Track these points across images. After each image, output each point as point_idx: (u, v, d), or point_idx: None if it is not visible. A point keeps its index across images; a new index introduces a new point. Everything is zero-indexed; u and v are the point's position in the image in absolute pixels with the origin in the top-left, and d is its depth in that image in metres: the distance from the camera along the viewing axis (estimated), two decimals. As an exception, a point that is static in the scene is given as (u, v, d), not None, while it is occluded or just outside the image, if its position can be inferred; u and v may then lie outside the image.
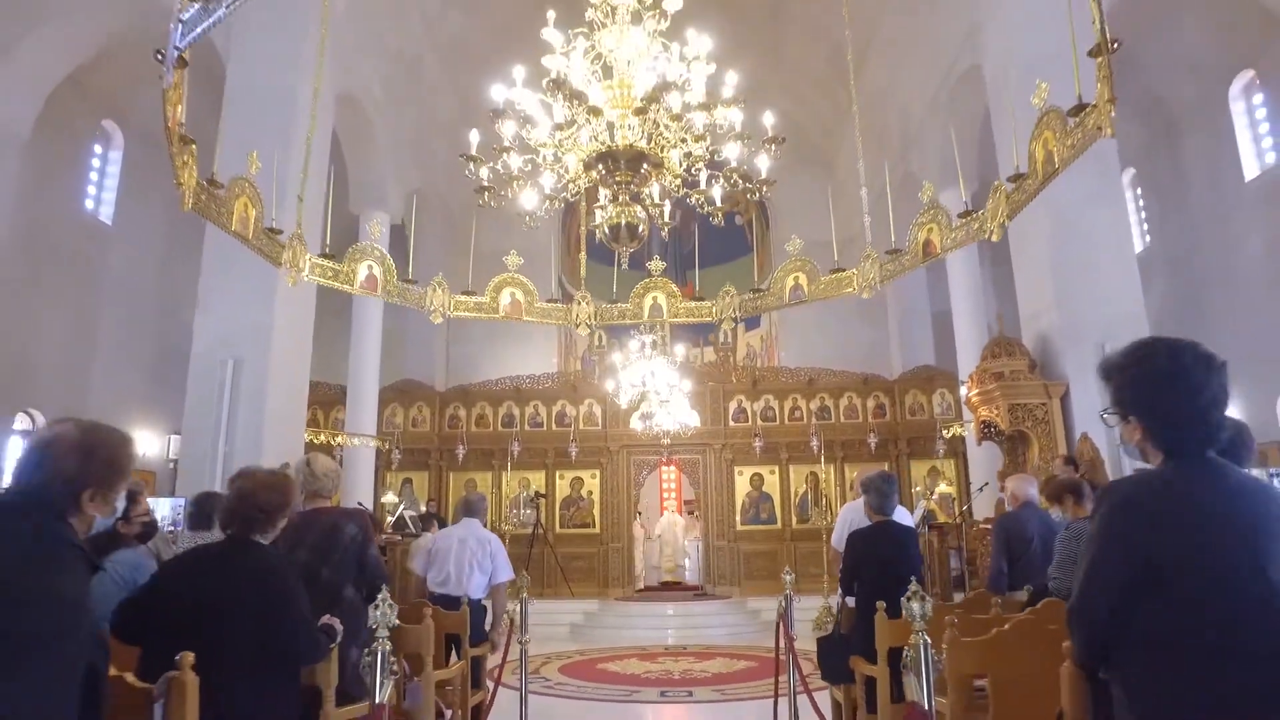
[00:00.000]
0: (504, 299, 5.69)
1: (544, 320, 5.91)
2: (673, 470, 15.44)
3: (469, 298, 5.62)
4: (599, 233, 4.24)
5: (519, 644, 4.34)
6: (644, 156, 3.81)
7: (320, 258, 4.97)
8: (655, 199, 4.38)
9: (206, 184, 3.89)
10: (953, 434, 11.74)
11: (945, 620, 2.50)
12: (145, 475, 12.56)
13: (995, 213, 4.25)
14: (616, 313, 6.04)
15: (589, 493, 13.66)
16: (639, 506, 14.16)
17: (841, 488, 12.86)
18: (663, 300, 5.89)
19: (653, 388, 8.63)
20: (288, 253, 4.72)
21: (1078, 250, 8.20)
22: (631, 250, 3.97)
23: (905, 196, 12.65)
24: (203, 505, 4.05)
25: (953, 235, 4.58)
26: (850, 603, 3.74)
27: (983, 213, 4.37)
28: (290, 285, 4.93)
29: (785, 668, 4.39)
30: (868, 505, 3.88)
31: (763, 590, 11.80)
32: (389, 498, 11.96)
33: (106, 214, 11.94)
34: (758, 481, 13.50)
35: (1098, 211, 8.24)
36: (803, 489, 13.37)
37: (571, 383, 14.23)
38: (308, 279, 4.88)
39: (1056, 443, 7.79)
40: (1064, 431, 7.89)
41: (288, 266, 4.67)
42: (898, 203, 13.18)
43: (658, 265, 5.89)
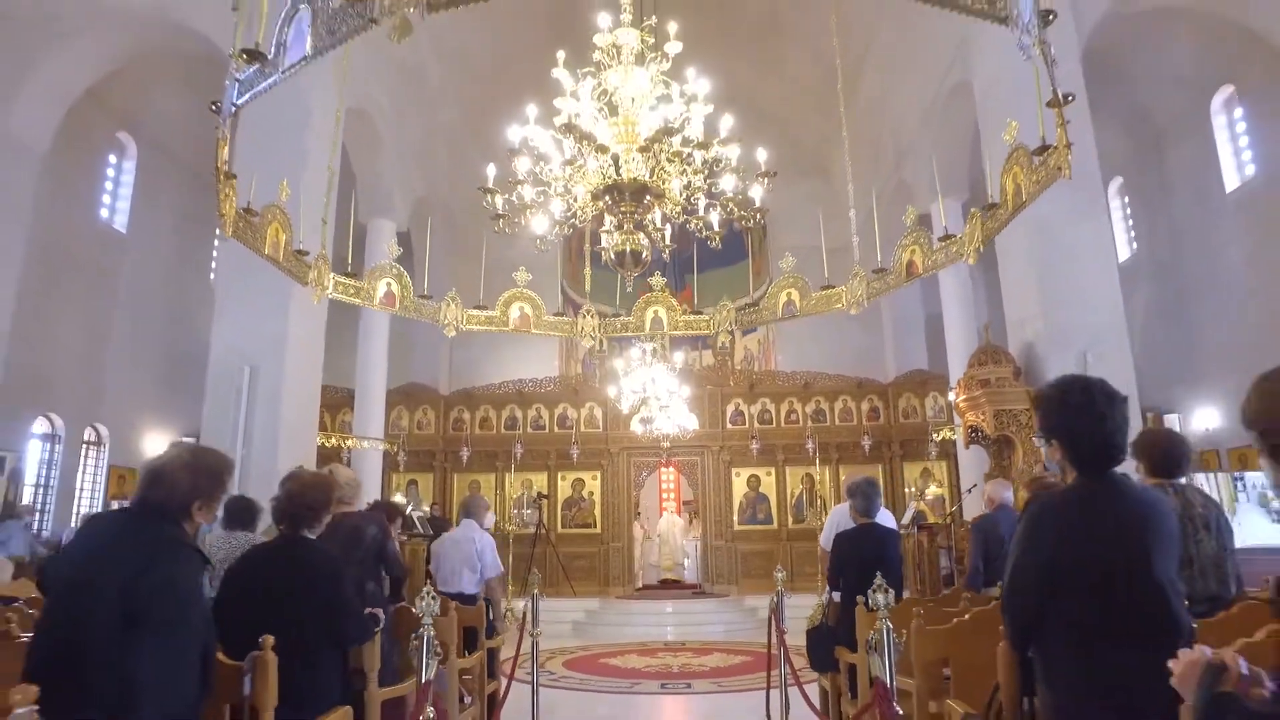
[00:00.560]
0: (513, 313, 6.04)
1: (551, 333, 6.26)
2: (672, 471, 15.77)
3: (480, 312, 5.97)
4: (605, 255, 4.60)
5: (530, 636, 4.67)
6: (647, 189, 4.15)
7: (343, 276, 5.31)
8: (657, 224, 4.73)
9: (243, 212, 4.23)
10: (943, 437, 12.07)
11: (913, 611, 2.85)
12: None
13: (971, 237, 4.59)
14: (619, 325, 6.40)
15: (590, 494, 14.00)
16: (639, 507, 14.48)
17: (836, 489, 13.19)
18: (663, 314, 6.24)
19: (653, 393, 8.97)
20: (313, 272, 5.06)
21: (1061, 262, 8.54)
22: (636, 275, 4.29)
23: (899, 207, 13.00)
24: (238, 506, 4.37)
25: (933, 257, 4.93)
26: (836, 598, 4.09)
27: (960, 237, 4.72)
28: (315, 302, 5.26)
29: (777, 661, 4.73)
30: (853, 509, 4.23)
31: (759, 588, 12.13)
32: (397, 498, 12.29)
33: (121, 222, 12.26)
34: (755, 483, 13.84)
35: (1081, 225, 8.58)
36: (799, 490, 13.71)
37: (573, 386, 14.56)
38: (332, 296, 5.21)
39: (1039, 447, 8.13)
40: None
41: (314, 285, 5.01)
42: (892, 212, 13.61)
43: (658, 281, 6.24)
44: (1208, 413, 11.75)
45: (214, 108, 3.27)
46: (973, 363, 8.88)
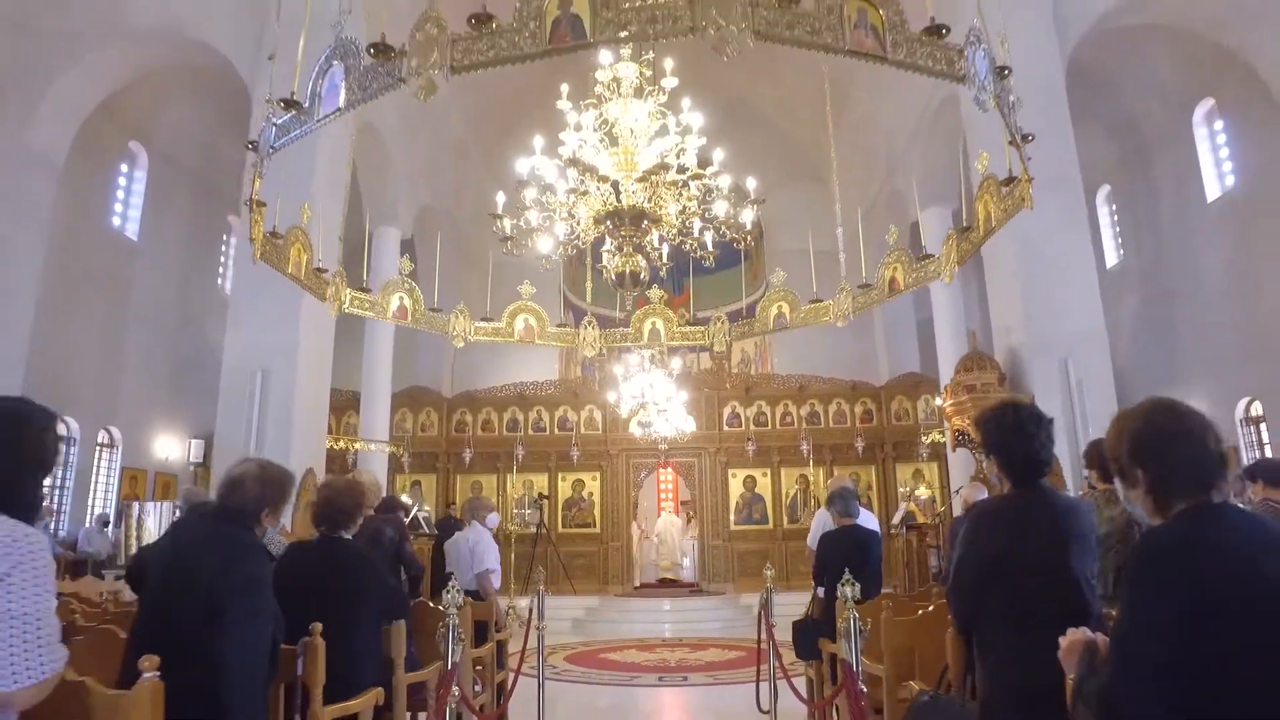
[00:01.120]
0: (519, 324, 6.37)
1: (555, 343, 6.59)
2: (670, 472, 16.09)
3: (487, 324, 6.30)
4: (605, 273, 4.93)
5: (536, 629, 5.00)
6: (645, 214, 4.48)
7: (358, 291, 5.64)
8: (655, 244, 5.05)
9: (270, 235, 4.55)
10: (933, 440, 12.41)
11: (883, 604, 3.18)
12: (168, 478, 13.23)
13: (948, 258, 4.93)
14: (619, 336, 6.74)
15: (590, 494, 14.33)
16: (637, 508, 14.78)
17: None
18: (660, 325, 6.58)
19: (651, 399, 9.30)
20: (331, 289, 5.39)
21: (1044, 272, 8.87)
22: (635, 295, 4.62)
23: (893, 212, 13.35)
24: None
25: (914, 274, 5.27)
26: (821, 593, 4.41)
27: (939, 257, 5.06)
28: (333, 316, 5.59)
29: (767, 654, 5.05)
30: (835, 512, 4.56)
31: (755, 586, 12.39)
32: (404, 499, 12.60)
33: (132, 230, 12.57)
34: (751, 483, 14.18)
35: (1063, 237, 8.91)
36: (794, 491, 14.05)
37: (573, 389, 14.89)
38: (348, 311, 5.54)
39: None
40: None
41: (331, 301, 5.34)
42: (886, 217, 13.89)
43: (656, 293, 6.56)
44: (1190, 415, 12.07)
45: (250, 146, 3.58)
46: (959, 369, 9.22)
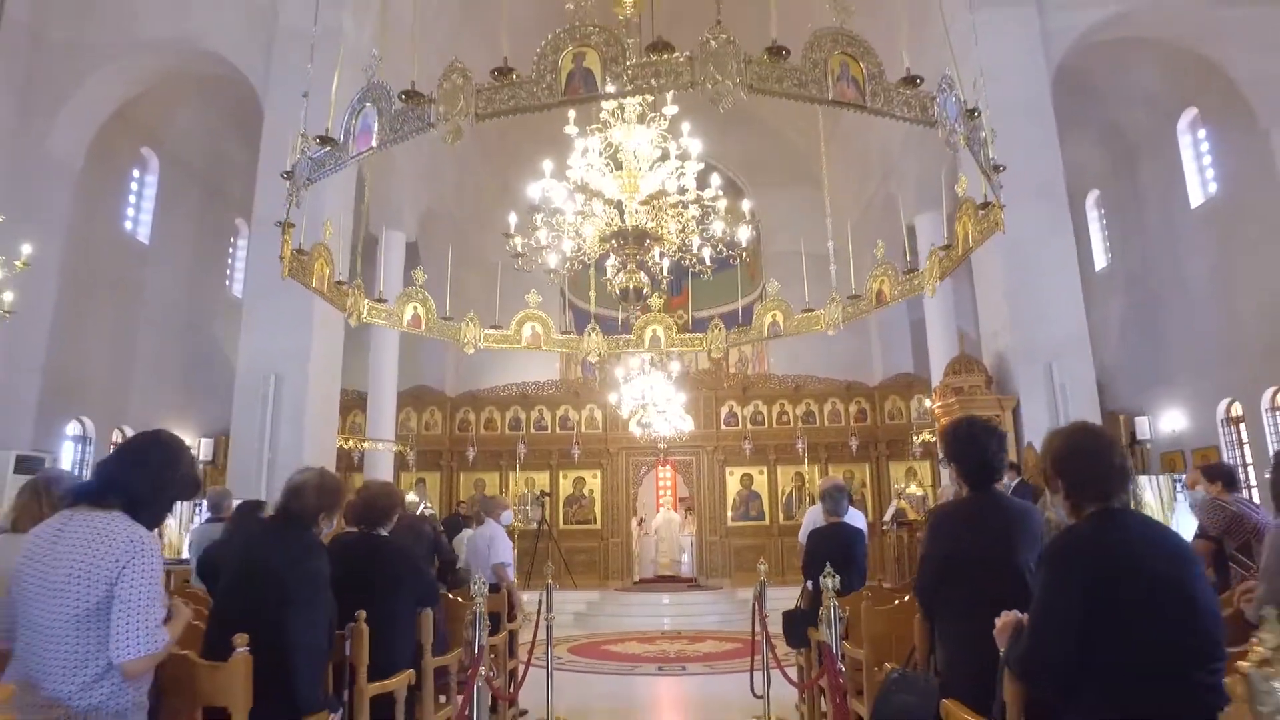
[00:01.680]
0: (526, 332, 6.69)
1: (561, 350, 6.92)
2: (668, 470, 16.43)
3: (496, 331, 6.63)
4: (609, 286, 5.27)
5: (545, 620, 5.34)
6: (647, 234, 4.81)
7: (376, 302, 5.96)
8: (656, 259, 5.39)
9: (297, 253, 4.87)
10: (924, 439, 12.75)
11: (863, 595, 3.52)
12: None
13: (931, 273, 5.25)
14: (622, 343, 7.06)
15: (590, 491, 14.69)
16: (638, 503, 15.12)
17: (825, 487, 13.87)
18: (661, 333, 6.91)
19: (651, 400, 9.63)
20: (350, 300, 5.71)
21: (1030, 279, 9.21)
22: (637, 309, 4.96)
23: (888, 215, 13.69)
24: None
25: (899, 287, 5.60)
26: (810, 586, 4.75)
27: (922, 272, 5.38)
28: (353, 325, 5.92)
29: (760, 644, 5.39)
30: (825, 509, 4.90)
31: (752, 581, 12.62)
32: (410, 497, 12.93)
33: (143, 234, 12.86)
34: (747, 481, 14.53)
35: (1049, 245, 9.25)
36: (789, 488, 14.40)
37: (574, 389, 15.22)
38: (366, 320, 5.86)
39: (1007, 451, 8.82)
40: (1015, 440, 8.91)
41: (351, 312, 5.66)
42: (883, 220, 14.16)
43: (656, 302, 6.89)
44: (1174, 415, 12.44)
45: (285, 175, 3.90)
46: (948, 371, 9.56)
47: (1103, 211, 14.68)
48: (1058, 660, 1.67)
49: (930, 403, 9.90)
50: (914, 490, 11.66)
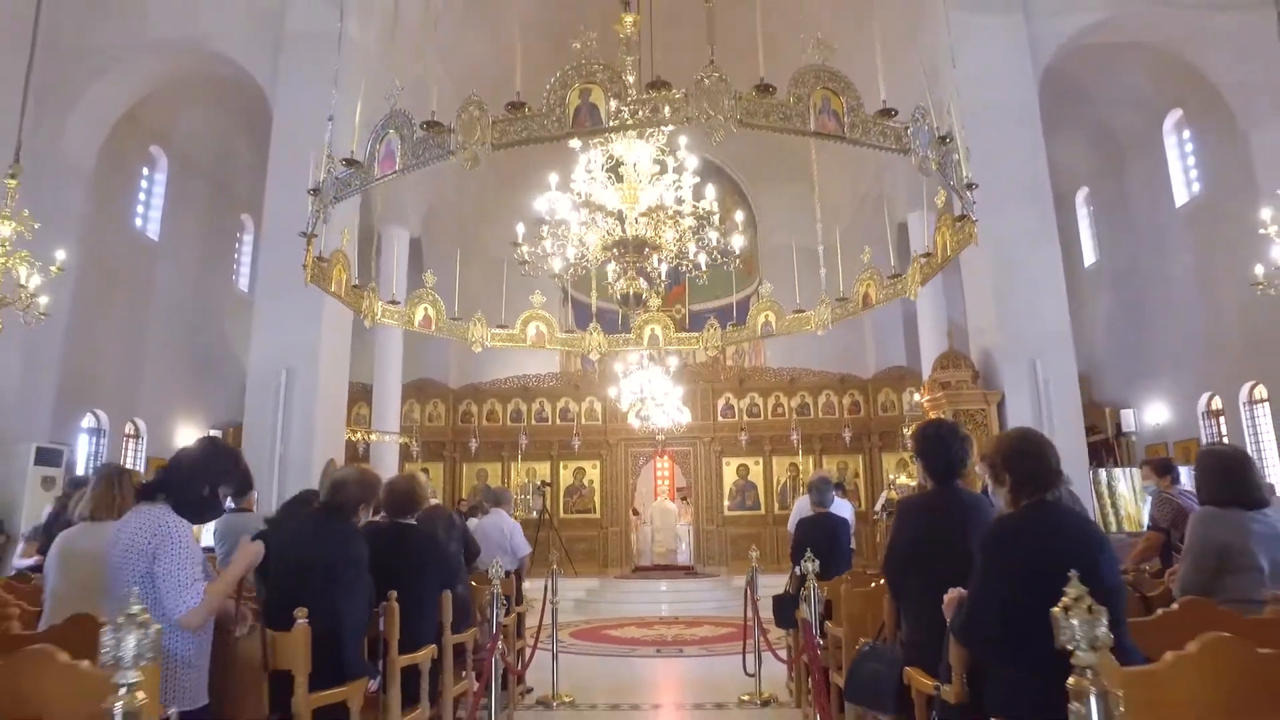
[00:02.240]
0: (530, 331, 7.02)
1: (564, 348, 7.25)
2: (666, 461, 16.80)
3: (503, 330, 6.95)
4: (610, 290, 5.60)
5: (550, 603, 5.69)
6: (646, 243, 5.13)
7: (389, 304, 6.28)
8: (655, 264, 5.71)
9: (317, 260, 5.18)
10: (914, 430, 13.10)
11: (843, 579, 3.87)
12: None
13: (913, 278, 5.58)
14: (622, 341, 7.39)
15: (590, 482, 15.07)
16: (637, 493, 15.47)
17: (819, 477, 14.24)
18: (659, 331, 7.23)
19: (649, 394, 9.97)
20: (365, 302, 6.02)
21: (1016, 279, 9.52)
22: (637, 312, 5.28)
23: (883, 213, 13.98)
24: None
25: (884, 291, 5.92)
26: (798, 571, 5.10)
27: (905, 277, 5.71)
28: (368, 326, 6.24)
29: (753, 627, 5.75)
30: (811, 500, 5.25)
31: (748, 568, 13.19)
32: (414, 487, 13.29)
33: (153, 231, 13.14)
34: (743, 471, 14.91)
35: (1034, 246, 9.56)
36: (784, 478, 14.78)
37: (574, 382, 15.58)
38: (380, 321, 6.18)
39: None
40: (1000, 434, 9.26)
41: (366, 314, 5.98)
42: (876, 217, 14.44)
43: (655, 302, 7.21)
44: (1158, 409, 12.81)
45: (312, 192, 4.21)
46: (936, 367, 9.90)
47: (1092, 209, 15.00)
48: (989, 628, 2.02)
49: (917, 397, 10.24)
50: (905, 480, 12.03)
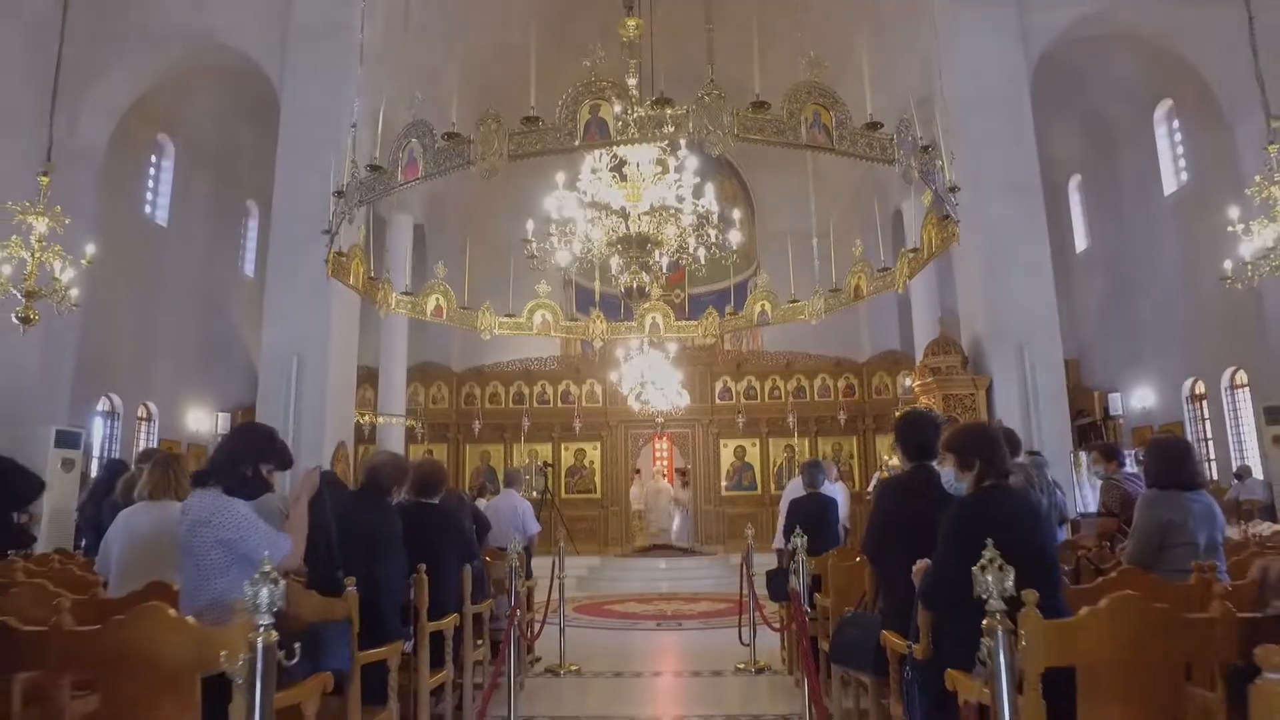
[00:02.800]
0: (536, 319, 7.34)
1: (567, 335, 7.57)
2: (665, 443, 17.16)
3: (510, 319, 7.27)
4: (615, 281, 5.91)
5: (557, 578, 6.05)
6: (648, 239, 5.43)
7: (403, 295, 6.59)
8: (656, 258, 6.01)
9: (338, 255, 5.48)
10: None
11: (831, 554, 4.22)
12: (199, 449, 14.21)
13: (901, 272, 5.89)
14: (624, 329, 7.71)
15: (591, 463, 15.44)
16: (639, 473, 15.75)
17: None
18: (660, 320, 7.56)
19: (649, 378, 10.29)
20: (380, 293, 6.33)
21: (1005, 267, 9.81)
22: (641, 305, 5.60)
23: (879, 199, 14.22)
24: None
25: (874, 284, 6.25)
26: (789, 545, 5.45)
27: (893, 270, 6.03)
28: (383, 318, 6.54)
29: (748, 601, 6.12)
30: (803, 482, 5.59)
31: (744, 547, 13.59)
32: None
33: (161, 217, 13.39)
34: (740, 453, 15.28)
35: (1022, 236, 9.83)
36: (780, 459, 15.15)
37: (575, 365, 15.88)
38: (395, 311, 6.49)
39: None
40: (988, 418, 9.59)
41: (382, 304, 6.29)
42: (868, 205, 14.67)
43: (656, 292, 7.51)
44: (1144, 393, 13.17)
45: (337, 194, 4.50)
46: (927, 352, 10.22)
47: (1084, 196, 15.25)
48: (948, 592, 2.35)
49: (908, 382, 10.57)
50: (896, 462, 12.35)
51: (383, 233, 13.27)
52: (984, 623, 1.58)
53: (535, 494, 14.39)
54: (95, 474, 10.75)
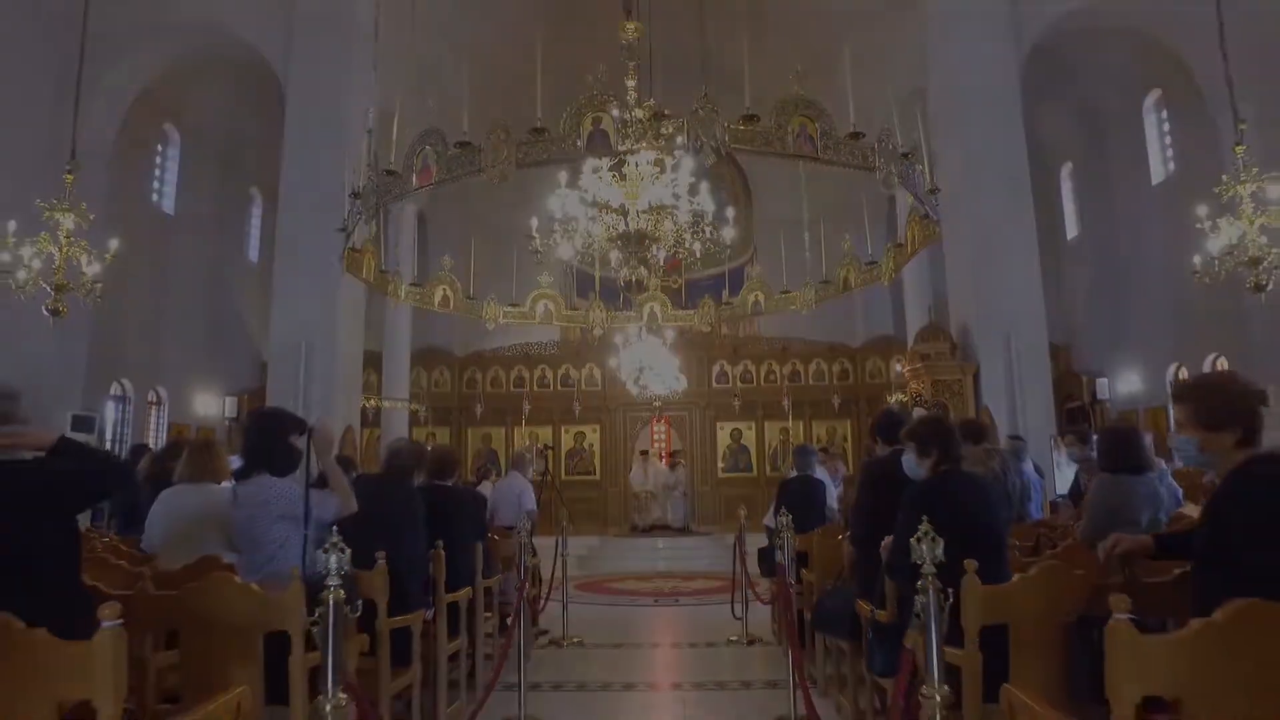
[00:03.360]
0: (540, 308, 7.65)
1: (569, 324, 7.87)
2: (663, 425, 17.50)
3: (515, 308, 7.57)
4: (614, 275, 6.21)
5: (561, 556, 6.41)
6: (646, 235, 5.71)
7: (411, 285, 6.89)
8: (654, 253, 6.30)
9: (351, 251, 5.77)
10: (898, 399, 13.79)
11: (817, 532, 4.56)
12: (207, 432, 14.53)
13: (887, 266, 6.21)
14: (624, 318, 8.02)
15: (590, 445, 15.80)
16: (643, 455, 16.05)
17: (809, 441, 14.96)
18: (658, 309, 7.86)
19: (648, 364, 10.59)
20: (391, 285, 6.63)
21: (993, 257, 10.10)
22: (640, 297, 5.89)
23: (870, 189, 14.48)
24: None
25: (862, 276, 6.56)
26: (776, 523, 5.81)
27: (880, 264, 6.33)
28: (394, 308, 6.84)
29: (740, 579, 6.48)
30: (795, 466, 5.93)
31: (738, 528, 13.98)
32: (424, 451, 13.99)
33: (168, 205, 13.62)
34: (737, 435, 15.65)
35: (1011, 225, 10.12)
36: (775, 442, 15.52)
37: (575, 349, 16.19)
38: (405, 302, 6.79)
39: (968, 412, 9.84)
40: (974, 403, 9.93)
41: (392, 296, 6.59)
42: (866, 186, 14.79)
43: (654, 283, 7.82)
44: (1130, 378, 13.50)
45: (354, 195, 4.79)
46: (917, 339, 10.54)
47: (1075, 184, 15.49)
48: (906, 563, 2.67)
49: (899, 367, 10.89)
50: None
51: (385, 220, 13.53)
52: (918, 583, 1.90)
53: (536, 476, 14.76)
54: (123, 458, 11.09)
